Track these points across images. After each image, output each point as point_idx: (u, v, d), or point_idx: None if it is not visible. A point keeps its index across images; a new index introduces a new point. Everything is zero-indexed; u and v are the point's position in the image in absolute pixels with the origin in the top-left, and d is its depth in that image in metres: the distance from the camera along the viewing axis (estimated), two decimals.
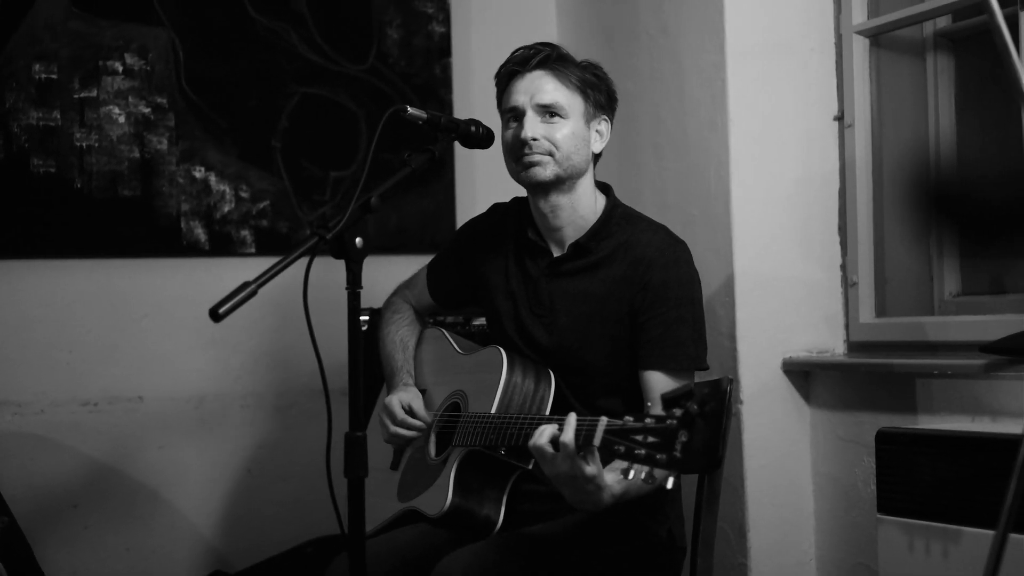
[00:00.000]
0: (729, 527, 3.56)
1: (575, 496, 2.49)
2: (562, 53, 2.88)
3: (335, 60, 4.18)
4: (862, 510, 3.40)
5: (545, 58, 2.85)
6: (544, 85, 2.84)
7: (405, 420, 2.95)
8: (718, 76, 3.61)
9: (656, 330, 2.78)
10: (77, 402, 3.92)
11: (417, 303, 3.23)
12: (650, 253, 2.82)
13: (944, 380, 3.21)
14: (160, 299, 4.01)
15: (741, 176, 3.58)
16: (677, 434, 2.20)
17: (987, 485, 2.68)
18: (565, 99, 2.83)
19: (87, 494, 3.92)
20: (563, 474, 2.44)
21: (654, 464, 2.23)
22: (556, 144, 2.82)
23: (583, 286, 2.87)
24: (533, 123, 2.82)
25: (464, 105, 4.35)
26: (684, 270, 2.83)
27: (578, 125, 2.84)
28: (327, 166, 4.16)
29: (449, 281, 3.16)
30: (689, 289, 2.82)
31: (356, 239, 2.36)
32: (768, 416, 3.57)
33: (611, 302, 2.83)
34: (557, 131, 2.82)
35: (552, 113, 2.82)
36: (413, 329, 3.21)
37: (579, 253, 2.88)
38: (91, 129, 3.88)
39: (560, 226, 2.90)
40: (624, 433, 2.29)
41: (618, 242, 2.87)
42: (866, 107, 3.60)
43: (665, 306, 2.78)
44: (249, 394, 4.13)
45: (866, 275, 3.58)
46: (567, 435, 2.41)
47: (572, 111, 2.83)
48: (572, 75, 2.85)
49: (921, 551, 2.83)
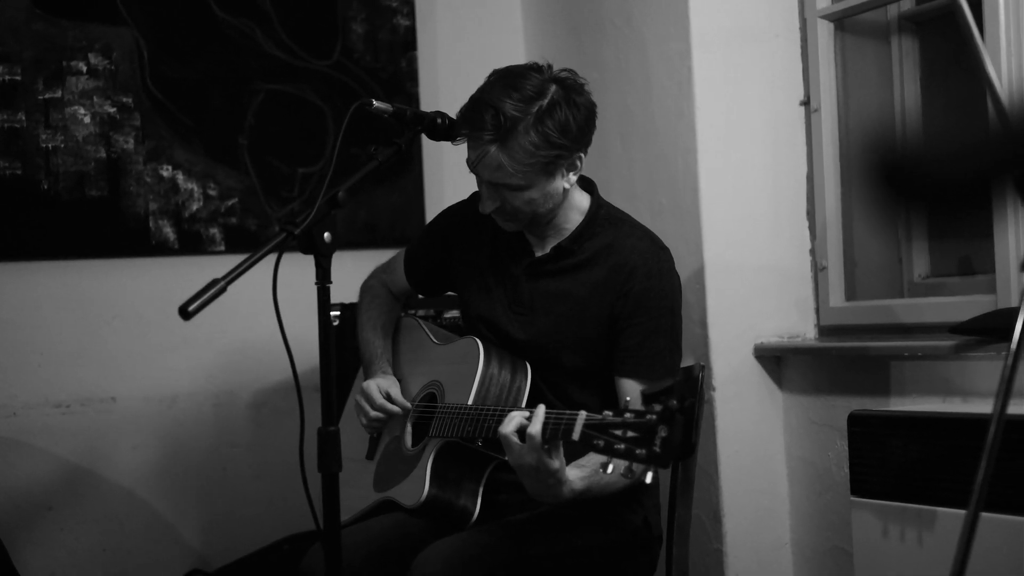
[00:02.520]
0: (704, 514, 3.57)
1: (535, 488, 2.50)
2: (512, 134, 2.64)
3: (300, 56, 4.17)
4: (836, 493, 3.41)
5: (492, 142, 2.66)
6: (494, 168, 2.69)
7: (384, 405, 2.95)
8: (684, 64, 3.61)
9: (634, 339, 2.77)
10: (49, 404, 3.91)
11: (394, 287, 3.22)
12: (634, 260, 2.80)
13: (915, 362, 3.22)
14: (130, 299, 4.00)
15: (709, 164, 3.59)
16: (657, 429, 2.22)
17: (959, 465, 2.70)
18: (520, 178, 2.69)
19: (62, 496, 3.91)
20: (526, 465, 2.45)
21: (633, 459, 2.24)
22: (516, 212, 2.76)
23: (564, 287, 2.85)
24: (489, 198, 2.75)
25: (431, 98, 4.34)
26: (666, 280, 2.81)
27: (539, 190, 2.73)
28: (294, 162, 4.15)
29: (426, 267, 3.15)
30: (670, 300, 2.81)
31: (324, 234, 2.36)
32: (741, 402, 3.58)
33: (591, 305, 2.82)
34: (516, 199, 2.73)
35: (509, 187, 2.72)
36: (392, 315, 3.20)
37: (561, 255, 2.86)
38: (56, 130, 3.86)
39: (543, 233, 2.89)
40: (603, 427, 2.30)
41: (602, 244, 2.85)
42: (832, 91, 3.61)
43: (645, 316, 2.77)
44: (222, 392, 4.11)
45: (835, 259, 3.60)
46: (534, 427, 2.42)
47: (530, 183, 2.71)
48: (524, 158, 2.66)
49: (895, 533, 2.85)
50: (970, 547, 1.87)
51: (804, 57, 3.66)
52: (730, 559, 3.54)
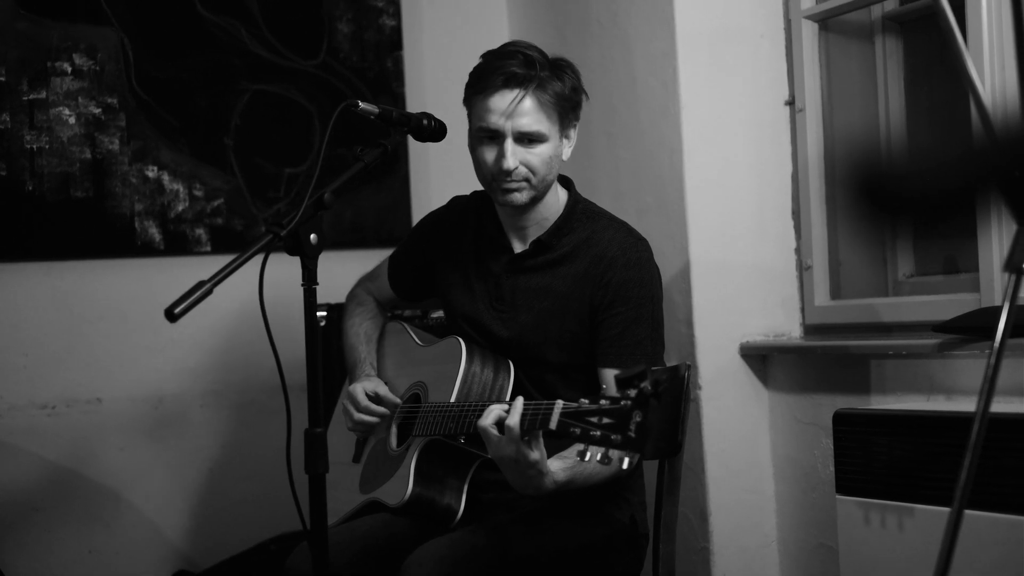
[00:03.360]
0: (691, 512, 3.58)
1: (517, 480, 2.52)
2: (547, 69, 2.77)
3: (286, 56, 4.17)
4: (822, 491, 3.42)
5: (531, 84, 2.74)
6: (526, 112, 2.75)
7: (369, 407, 2.96)
8: (669, 64, 3.62)
9: (615, 329, 2.79)
10: (35, 406, 3.90)
11: (379, 295, 3.24)
12: (612, 251, 2.83)
13: (899, 360, 3.24)
14: (116, 300, 3.99)
15: (694, 163, 3.60)
16: (631, 414, 2.23)
17: (943, 463, 2.72)
18: (545, 125, 2.77)
19: (48, 498, 3.90)
20: (507, 457, 2.47)
21: (609, 445, 2.26)
22: (533, 170, 2.79)
23: (544, 282, 2.87)
24: (514, 151, 2.77)
25: (417, 97, 4.34)
26: (645, 270, 2.84)
27: (554, 145, 2.80)
28: (281, 162, 4.15)
29: (409, 274, 3.16)
30: (649, 289, 2.83)
31: (311, 235, 2.37)
32: (727, 400, 3.59)
33: (571, 299, 2.84)
34: (535, 156, 2.78)
35: (531, 140, 2.78)
36: (376, 322, 3.22)
37: (541, 250, 2.89)
38: (41, 131, 3.85)
39: (524, 225, 2.91)
40: (580, 415, 2.32)
41: (580, 238, 2.87)
42: (816, 91, 3.62)
43: (625, 305, 2.79)
44: (208, 393, 4.11)
45: (820, 258, 3.61)
46: (512, 419, 2.44)
47: (551, 134, 2.79)
48: (553, 97, 2.77)
49: (879, 529, 2.86)
50: (954, 545, 1.88)
51: (789, 57, 3.67)
52: (716, 557, 3.55)
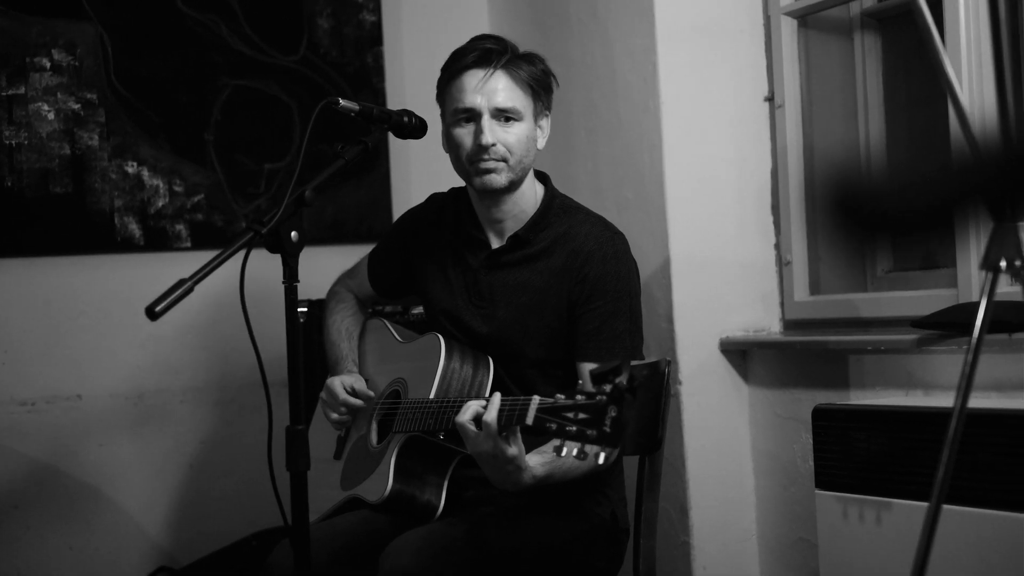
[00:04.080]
0: (671, 507, 3.59)
1: (496, 475, 2.53)
2: (517, 53, 2.85)
3: (266, 52, 4.16)
4: (801, 486, 3.44)
5: (502, 58, 2.81)
6: (501, 87, 2.81)
7: (346, 400, 2.97)
8: (649, 60, 3.63)
9: (593, 323, 2.80)
10: (15, 402, 3.89)
11: (359, 292, 3.25)
12: (588, 246, 2.84)
13: (878, 355, 3.25)
14: (96, 296, 3.98)
15: (675, 158, 3.61)
16: (607, 409, 2.24)
17: (922, 458, 2.73)
18: (520, 102, 2.82)
19: (28, 494, 3.89)
20: (485, 453, 2.48)
21: (585, 440, 2.26)
22: (510, 148, 2.82)
23: (522, 278, 2.88)
24: (492, 128, 2.80)
25: (397, 93, 4.34)
26: (622, 263, 2.85)
27: (529, 126, 2.85)
28: (261, 158, 4.14)
29: (389, 271, 3.17)
30: (626, 282, 2.84)
31: (291, 233, 2.37)
32: (707, 396, 3.60)
33: (550, 294, 2.85)
34: (511, 135, 2.82)
35: (508, 117, 2.81)
36: (357, 319, 3.22)
37: (518, 245, 2.90)
38: (20, 127, 3.83)
39: (501, 219, 2.92)
40: (556, 411, 2.32)
41: (557, 233, 2.89)
42: (796, 87, 3.63)
43: (603, 299, 2.80)
44: (188, 389, 4.11)
45: (800, 254, 3.62)
46: (490, 414, 2.45)
47: (525, 113, 2.83)
48: (525, 75, 2.83)
49: (858, 524, 2.87)
50: (932, 539, 1.90)
51: (768, 53, 3.68)
52: (697, 551, 3.57)
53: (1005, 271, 1.91)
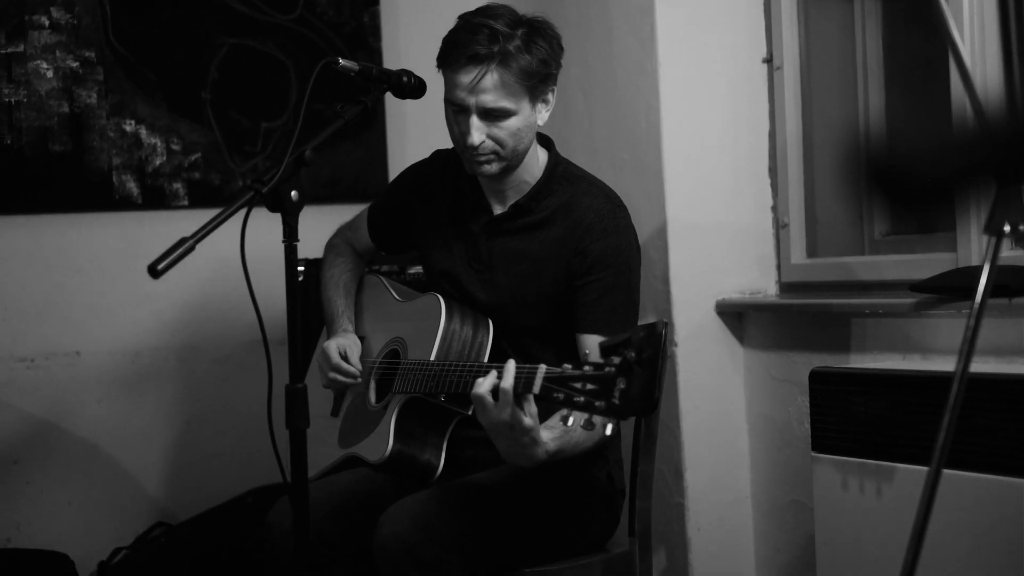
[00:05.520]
0: (666, 468, 3.61)
1: (510, 448, 2.50)
2: (507, 49, 2.69)
3: (263, 10, 4.15)
4: (796, 448, 3.46)
5: (494, 58, 2.69)
6: (488, 88, 2.70)
7: (339, 365, 2.97)
8: (646, 20, 3.61)
9: (592, 295, 2.79)
10: (14, 359, 3.90)
11: (358, 245, 3.24)
12: (590, 218, 2.82)
13: (875, 319, 3.26)
14: (94, 254, 3.99)
15: (672, 120, 3.60)
16: (615, 381, 2.23)
17: (919, 422, 2.74)
18: (511, 100, 2.73)
19: (27, 450, 3.91)
20: (501, 423, 2.44)
21: (592, 411, 2.26)
22: (501, 143, 2.76)
23: (522, 246, 2.88)
24: (478, 129, 2.74)
25: (393, 53, 4.33)
26: (623, 237, 2.84)
27: (523, 116, 2.77)
28: (257, 117, 4.13)
29: (389, 225, 3.16)
30: (627, 256, 2.83)
31: (291, 192, 2.38)
32: (702, 358, 3.61)
33: (549, 263, 2.84)
34: (502, 131, 2.75)
35: (496, 115, 2.74)
36: (355, 273, 3.22)
37: (519, 213, 2.89)
38: (19, 85, 3.83)
39: (502, 189, 2.90)
40: (563, 380, 2.32)
41: (559, 203, 2.87)
42: (795, 49, 3.62)
43: (603, 272, 2.79)
44: (186, 347, 4.12)
45: (797, 216, 3.62)
46: (506, 381, 2.42)
47: (519, 107, 2.75)
48: (517, 74, 2.71)
49: (855, 488, 2.89)
50: (932, 504, 1.91)
51: (767, 14, 3.66)
52: (691, 513, 3.59)
53: (1008, 235, 1.91)
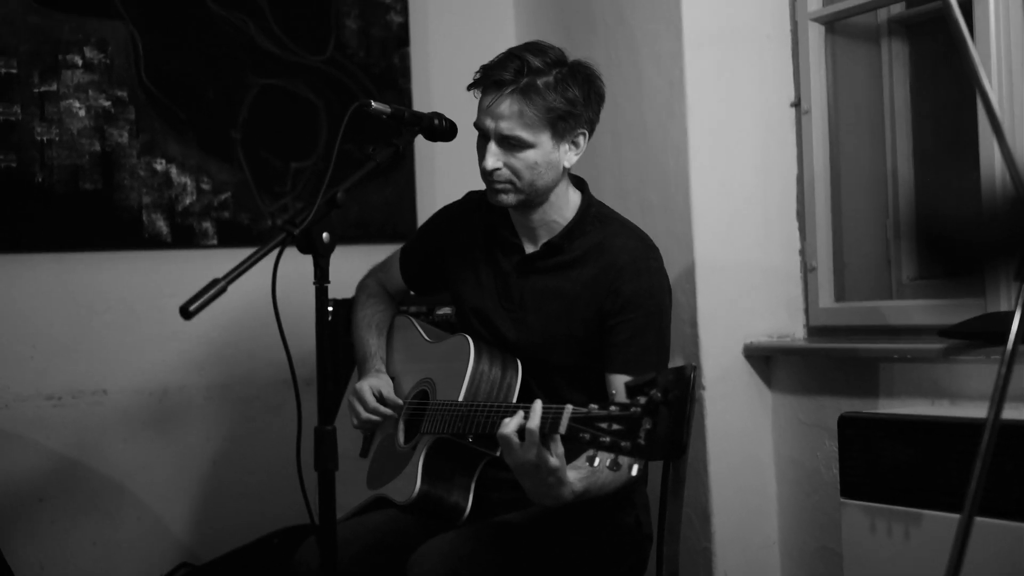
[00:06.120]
0: (693, 512, 3.59)
1: (536, 488, 2.50)
2: (533, 82, 2.73)
3: (294, 51, 4.18)
4: (824, 494, 3.44)
5: (516, 85, 2.73)
6: (508, 116, 2.74)
7: (376, 407, 2.97)
8: (676, 64, 3.63)
9: (623, 335, 2.79)
10: (41, 396, 3.91)
11: (390, 286, 3.25)
12: (623, 259, 2.83)
13: (903, 364, 3.25)
14: (123, 292, 4.00)
15: (700, 163, 3.61)
16: (641, 421, 2.23)
17: (949, 468, 2.73)
18: (528, 133, 2.75)
19: (52, 488, 3.91)
20: (527, 463, 2.45)
21: (618, 451, 2.26)
22: (517, 173, 2.78)
23: (554, 284, 2.88)
24: (495, 154, 2.77)
25: (423, 94, 4.35)
26: (656, 279, 2.84)
27: (543, 152, 2.78)
28: (287, 157, 4.16)
29: (421, 266, 3.17)
30: (659, 298, 2.84)
31: (323, 234, 2.39)
32: (730, 401, 3.61)
33: (580, 303, 2.84)
34: (518, 161, 2.77)
35: (513, 144, 2.76)
36: (387, 314, 3.23)
37: (552, 252, 2.89)
38: (51, 123, 3.86)
39: (533, 227, 2.91)
40: (589, 421, 2.32)
41: (592, 243, 2.88)
42: (823, 93, 3.64)
43: (635, 313, 2.79)
44: (212, 386, 4.12)
45: (825, 260, 3.62)
46: (532, 422, 2.43)
47: (537, 141, 2.76)
48: (537, 109, 2.73)
49: (884, 534, 2.88)
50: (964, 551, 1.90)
51: (795, 59, 3.68)
52: (718, 558, 3.57)
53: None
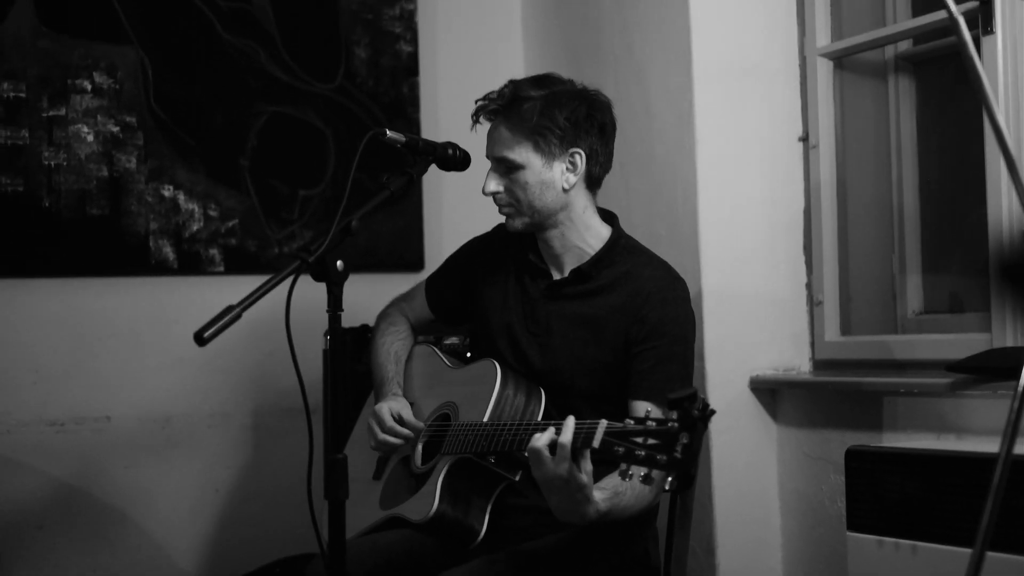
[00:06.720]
0: (697, 544, 3.58)
1: (563, 504, 2.52)
2: (513, 99, 2.86)
3: (303, 79, 4.19)
4: (829, 527, 3.43)
5: (494, 110, 2.87)
6: (497, 139, 2.87)
7: (394, 428, 2.98)
8: (685, 98, 3.64)
9: (648, 362, 2.81)
10: (44, 422, 3.90)
11: (414, 317, 3.27)
12: (650, 287, 2.87)
13: (908, 398, 3.25)
14: (128, 318, 3.99)
15: (708, 196, 3.62)
16: (679, 436, 2.26)
17: (956, 503, 2.73)
18: (516, 153, 2.85)
19: (53, 515, 3.89)
20: (557, 477, 2.47)
21: (654, 465, 2.28)
22: (515, 196, 2.87)
23: (581, 310, 2.90)
24: (492, 178, 2.89)
25: (431, 123, 4.36)
26: (682, 308, 2.89)
27: (535, 172, 2.86)
28: (295, 184, 4.16)
29: (449, 295, 3.20)
30: (684, 327, 2.87)
31: (337, 262, 2.40)
32: (736, 434, 3.60)
33: (607, 330, 2.86)
34: (514, 183, 2.86)
35: (507, 167, 2.86)
36: (407, 343, 3.24)
37: (580, 279, 2.92)
38: (59, 148, 3.86)
39: (558, 254, 2.94)
40: (624, 435, 2.35)
41: (620, 272, 2.91)
42: (830, 128, 3.65)
43: (660, 340, 2.82)
44: (216, 413, 4.11)
45: (831, 293, 3.63)
46: (565, 436, 2.45)
47: (526, 161, 2.85)
48: (519, 127, 2.84)
49: (891, 568, 2.87)
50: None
51: (803, 94, 3.69)
52: None
53: None
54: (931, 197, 3.60)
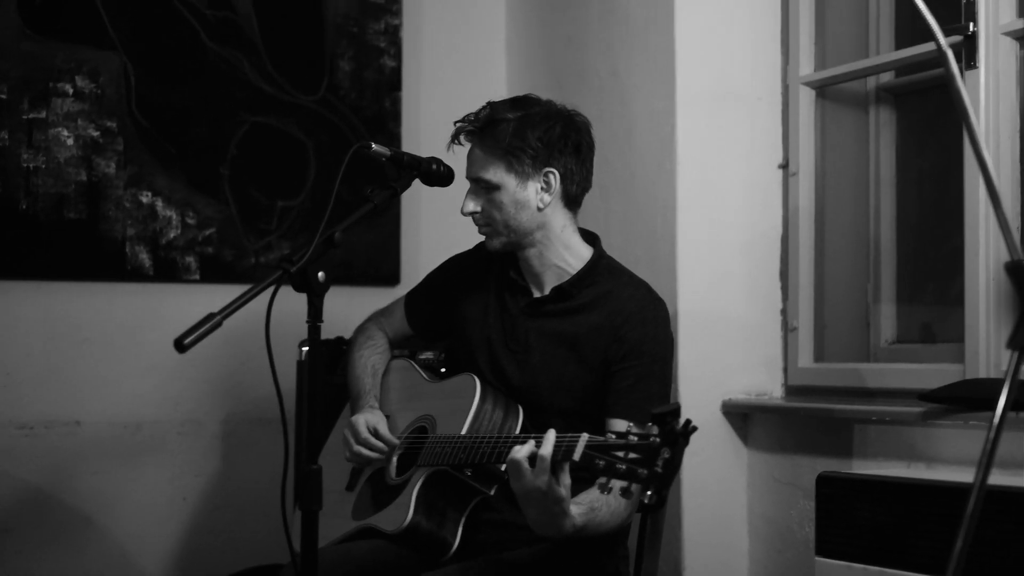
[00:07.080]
0: (665, 565, 3.58)
1: (540, 517, 2.53)
2: (489, 121, 2.88)
3: (286, 90, 4.19)
4: (797, 551, 3.45)
5: (471, 131, 2.90)
6: (472, 160, 2.91)
7: (368, 440, 2.97)
8: (667, 121, 3.66)
9: (626, 381, 2.83)
10: (13, 426, 3.88)
11: (392, 332, 3.27)
12: (630, 307, 2.88)
13: (879, 426, 3.27)
14: (102, 323, 3.98)
15: (687, 219, 3.63)
16: (660, 451, 2.27)
17: (926, 531, 2.74)
18: (491, 173, 2.87)
19: (20, 519, 3.87)
20: (535, 490, 2.47)
21: (634, 479, 2.29)
22: (490, 215, 2.90)
23: (560, 328, 2.91)
24: (470, 198, 2.92)
25: (412, 139, 4.37)
26: (661, 329, 2.90)
27: (510, 192, 2.87)
28: (274, 195, 4.16)
29: (429, 311, 3.20)
30: (663, 348, 2.88)
31: (319, 273, 2.40)
32: (706, 456, 3.61)
33: (586, 348, 2.87)
34: (491, 203, 2.89)
35: (483, 187, 2.88)
36: (384, 357, 3.24)
37: (560, 297, 2.93)
38: (39, 151, 3.85)
39: (538, 272, 2.95)
40: (605, 448, 2.36)
41: (600, 291, 2.92)
42: (810, 156, 3.67)
43: (639, 360, 2.83)
44: (187, 421, 4.10)
45: (806, 320, 3.64)
46: (546, 448, 2.46)
47: (501, 181, 2.87)
48: (492, 147, 2.86)
49: None
50: None
51: (785, 122, 3.72)
52: None
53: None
54: (907, 227, 3.62)
